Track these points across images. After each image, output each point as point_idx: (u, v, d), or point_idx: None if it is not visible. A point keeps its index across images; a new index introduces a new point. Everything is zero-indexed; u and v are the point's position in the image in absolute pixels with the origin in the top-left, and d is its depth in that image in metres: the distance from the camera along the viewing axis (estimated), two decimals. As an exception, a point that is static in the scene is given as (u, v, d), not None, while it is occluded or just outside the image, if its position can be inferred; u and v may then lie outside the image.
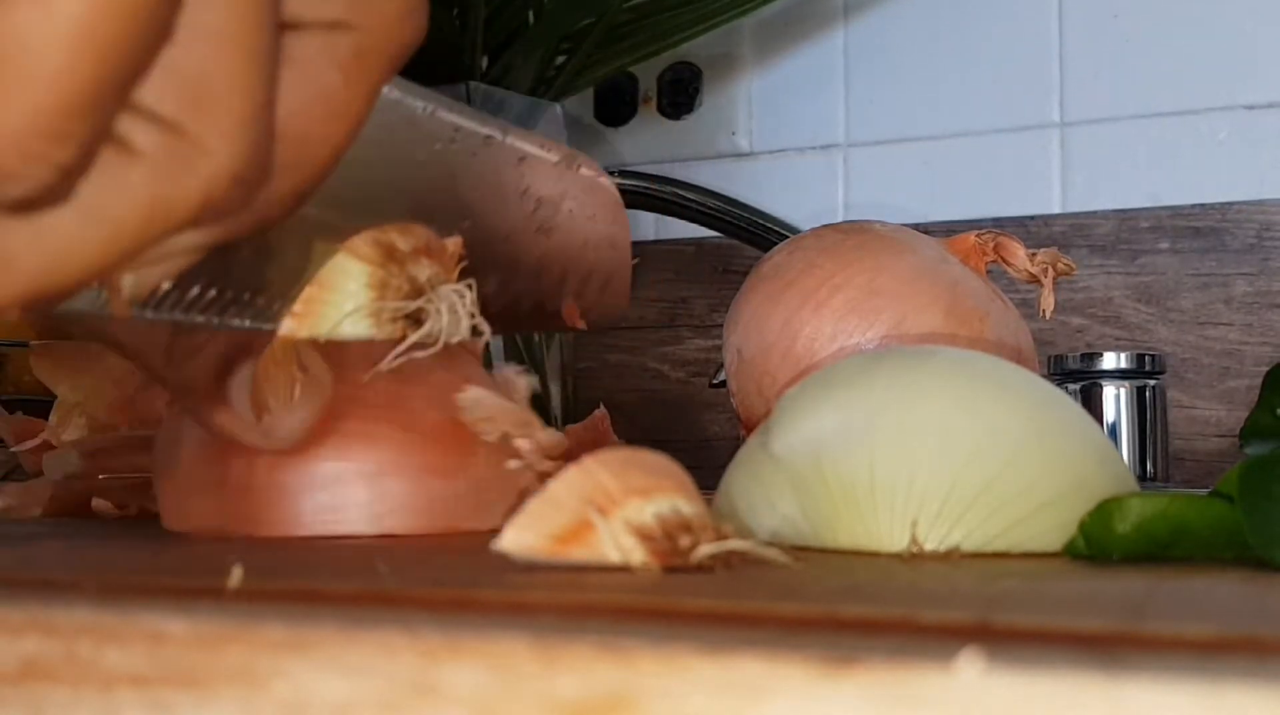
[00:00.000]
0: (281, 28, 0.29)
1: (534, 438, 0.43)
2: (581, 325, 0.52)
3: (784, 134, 1.17)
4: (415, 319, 0.39)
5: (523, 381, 0.46)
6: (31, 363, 0.61)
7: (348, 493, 0.46)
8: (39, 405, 0.67)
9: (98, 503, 0.59)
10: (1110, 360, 0.87)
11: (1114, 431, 0.85)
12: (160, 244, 0.29)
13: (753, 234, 1.03)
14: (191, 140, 0.27)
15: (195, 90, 0.27)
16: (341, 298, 0.38)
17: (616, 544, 0.32)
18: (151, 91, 0.27)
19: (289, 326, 0.38)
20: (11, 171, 0.25)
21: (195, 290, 0.34)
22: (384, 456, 0.46)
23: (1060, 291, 0.57)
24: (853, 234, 0.57)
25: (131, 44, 0.25)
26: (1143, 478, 0.86)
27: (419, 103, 0.39)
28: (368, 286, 0.39)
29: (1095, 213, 1.06)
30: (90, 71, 0.25)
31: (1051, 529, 0.38)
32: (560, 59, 1.03)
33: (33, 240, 0.27)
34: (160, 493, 0.49)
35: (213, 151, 0.27)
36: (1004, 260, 0.59)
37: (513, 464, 0.43)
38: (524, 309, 0.49)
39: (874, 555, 0.38)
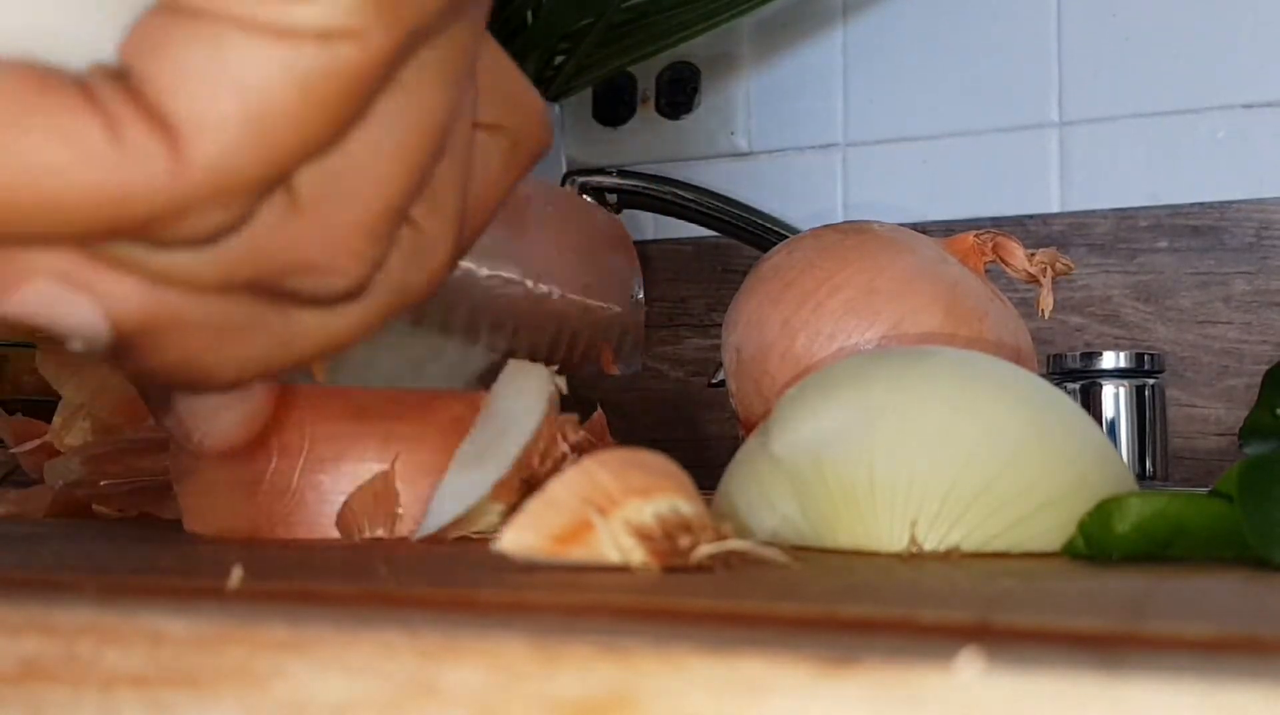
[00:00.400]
0: None
1: (567, 437, 0.44)
2: (615, 370, 0.55)
3: (783, 133, 1.17)
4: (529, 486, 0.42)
5: (554, 382, 0.46)
6: (38, 362, 0.61)
7: None
8: (39, 406, 0.67)
9: (98, 506, 0.59)
10: (1109, 359, 0.87)
11: (1113, 430, 0.85)
12: None
13: (751, 234, 1.03)
14: (427, 236, 0.31)
15: (432, 194, 0.30)
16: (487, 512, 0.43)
17: (616, 544, 0.33)
18: None
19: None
20: (342, 269, 0.28)
21: None
22: (424, 458, 0.46)
23: (1059, 290, 0.57)
24: (851, 234, 0.57)
25: (432, 161, 0.29)
26: (1142, 477, 0.86)
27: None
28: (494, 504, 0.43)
29: (1094, 212, 1.06)
30: (404, 182, 0.28)
31: (1051, 529, 0.38)
32: (559, 59, 1.03)
33: (319, 324, 0.30)
34: (183, 495, 0.49)
35: (439, 246, 0.31)
36: (1002, 260, 0.59)
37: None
38: (577, 356, 0.53)
39: (873, 555, 0.38)
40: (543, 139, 0.34)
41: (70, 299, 0.27)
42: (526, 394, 0.44)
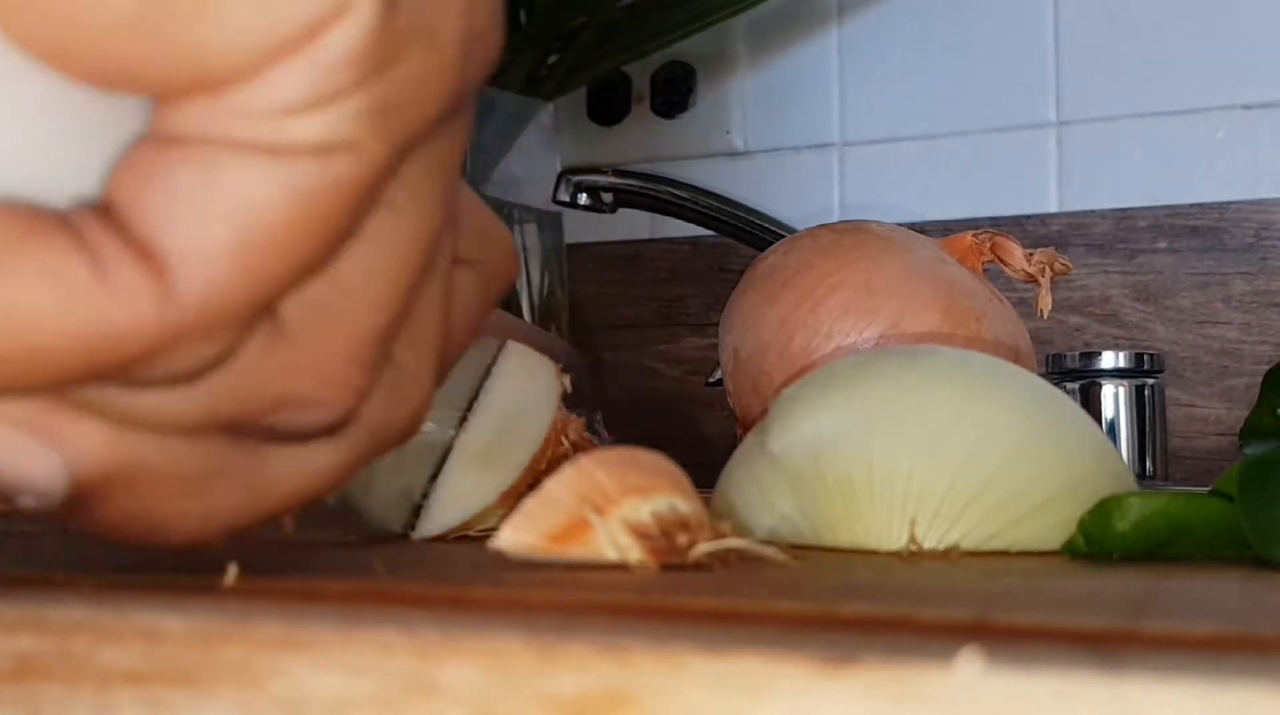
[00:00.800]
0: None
1: (568, 437, 0.44)
2: None
3: (778, 133, 1.17)
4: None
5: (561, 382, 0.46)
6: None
7: None
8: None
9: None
10: (1109, 359, 0.87)
11: (1113, 430, 0.85)
12: None
13: (748, 233, 1.03)
14: (406, 372, 0.29)
15: (411, 327, 0.28)
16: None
17: (614, 543, 0.32)
18: None
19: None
20: (330, 401, 0.27)
21: None
22: None
23: (1058, 290, 0.57)
24: (849, 233, 0.57)
25: (420, 283, 0.27)
26: (1142, 476, 0.86)
27: None
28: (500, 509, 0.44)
29: (1092, 212, 1.06)
30: (395, 306, 0.27)
31: (1050, 527, 0.38)
32: (553, 58, 1.03)
33: (293, 468, 0.28)
34: None
35: (419, 383, 0.29)
36: (1001, 260, 0.59)
37: None
38: None
39: (872, 554, 0.38)
40: (510, 271, 0.32)
41: (32, 449, 0.25)
42: (532, 391, 0.44)
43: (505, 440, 0.43)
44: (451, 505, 0.43)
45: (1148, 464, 0.86)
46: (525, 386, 0.44)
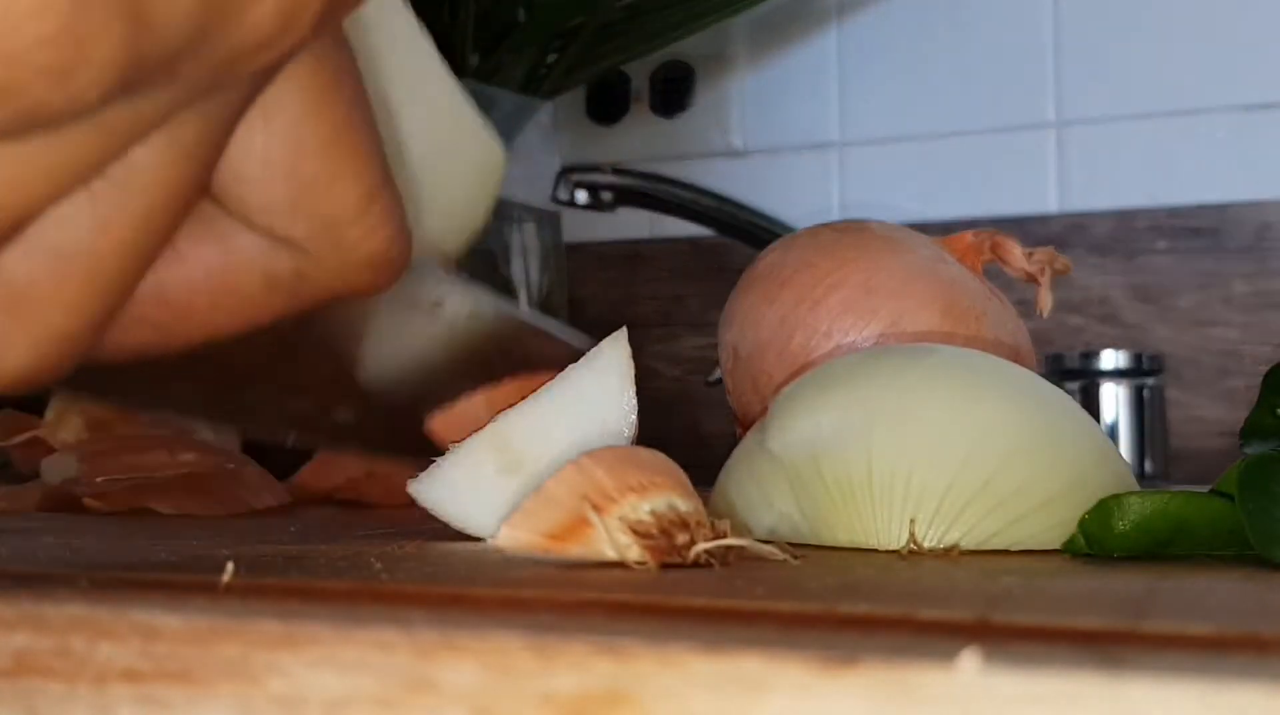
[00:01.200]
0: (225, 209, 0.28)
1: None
2: None
3: (778, 133, 1.17)
4: None
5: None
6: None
7: None
8: (26, 399, 0.67)
9: (90, 502, 0.58)
10: (1109, 359, 0.87)
11: (1113, 430, 0.85)
12: None
13: (748, 232, 1.03)
14: None
15: (13, 293, 0.26)
16: None
17: (613, 541, 0.32)
18: None
19: None
20: None
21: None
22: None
23: (1058, 290, 0.57)
24: (848, 232, 0.57)
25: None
26: (1142, 476, 0.86)
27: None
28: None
29: (1093, 212, 1.06)
30: None
31: (1051, 527, 0.38)
32: (552, 57, 1.03)
33: None
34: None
35: (4, 355, 0.26)
36: (1001, 259, 0.58)
37: None
38: None
39: (872, 552, 0.38)
40: (357, 282, 0.29)
41: None
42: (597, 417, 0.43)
43: (535, 451, 0.42)
44: (453, 489, 0.42)
45: (1148, 464, 0.86)
46: (600, 409, 0.43)
